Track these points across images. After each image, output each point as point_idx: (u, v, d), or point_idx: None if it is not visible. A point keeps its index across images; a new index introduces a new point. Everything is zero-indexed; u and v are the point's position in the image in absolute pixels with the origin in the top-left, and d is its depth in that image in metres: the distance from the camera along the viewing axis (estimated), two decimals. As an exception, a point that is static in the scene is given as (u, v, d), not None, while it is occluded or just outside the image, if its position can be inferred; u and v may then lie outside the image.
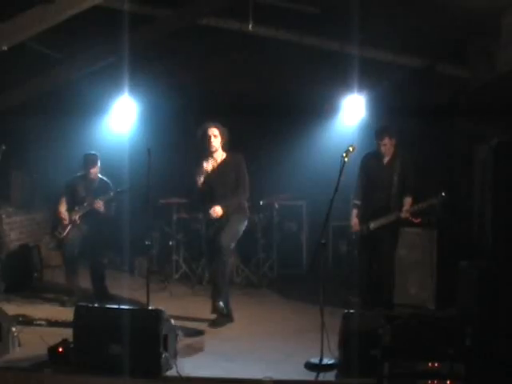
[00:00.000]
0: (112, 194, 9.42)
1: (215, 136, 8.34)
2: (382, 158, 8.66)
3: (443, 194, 8.29)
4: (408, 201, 8.54)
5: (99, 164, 9.68)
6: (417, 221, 8.54)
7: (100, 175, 9.71)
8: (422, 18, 9.25)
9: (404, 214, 8.46)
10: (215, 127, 8.38)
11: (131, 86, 11.12)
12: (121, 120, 11.52)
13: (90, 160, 9.59)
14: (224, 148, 8.49)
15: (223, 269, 8.44)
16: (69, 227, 9.40)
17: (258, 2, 9.72)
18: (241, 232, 8.61)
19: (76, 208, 9.44)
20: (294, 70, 11.37)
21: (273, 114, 11.80)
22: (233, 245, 8.60)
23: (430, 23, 9.42)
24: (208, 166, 8.44)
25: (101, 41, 10.56)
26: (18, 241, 11.23)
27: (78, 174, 9.71)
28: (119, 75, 10.73)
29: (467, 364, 5.93)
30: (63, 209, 9.52)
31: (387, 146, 8.56)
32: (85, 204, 9.40)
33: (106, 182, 9.72)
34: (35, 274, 10.49)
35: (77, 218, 9.39)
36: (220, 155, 8.47)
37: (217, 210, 8.29)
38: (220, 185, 8.36)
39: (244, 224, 8.63)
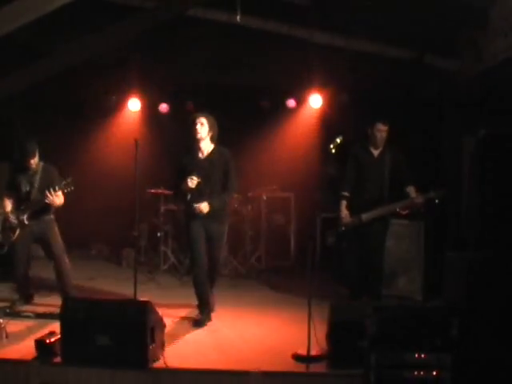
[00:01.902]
0: (60, 185, 8.21)
1: (202, 124, 8.17)
2: (373, 149, 8.64)
3: (442, 189, 8.30)
4: (412, 189, 8.50)
5: (37, 152, 8.51)
6: (404, 212, 8.54)
7: (41, 162, 8.60)
8: (411, 8, 9.25)
9: (399, 208, 8.45)
10: (204, 117, 8.24)
11: (119, 80, 11.12)
12: (109, 114, 11.51)
13: (27, 150, 8.46)
14: (213, 140, 8.33)
15: (215, 277, 8.68)
16: (17, 230, 8.44)
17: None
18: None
19: (21, 207, 8.45)
20: (281, 62, 11.35)
21: (260, 105, 11.80)
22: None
23: (419, 14, 9.41)
24: (189, 163, 8.27)
25: (88, 32, 10.53)
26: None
27: (17, 166, 8.65)
28: (107, 69, 10.72)
29: (454, 355, 5.95)
30: (8, 209, 8.51)
31: (385, 134, 8.55)
32: (30, 200, 8.43)
33: (49, 169, 8.64)
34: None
35: (24, 218, 8.39)
36: (208, 146, 8.29)
37: (203, 208, 8.05)
38: (207, 178, 8.13)
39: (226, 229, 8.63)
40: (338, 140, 7.15)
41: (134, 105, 12.12)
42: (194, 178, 7.98)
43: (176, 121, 11.54)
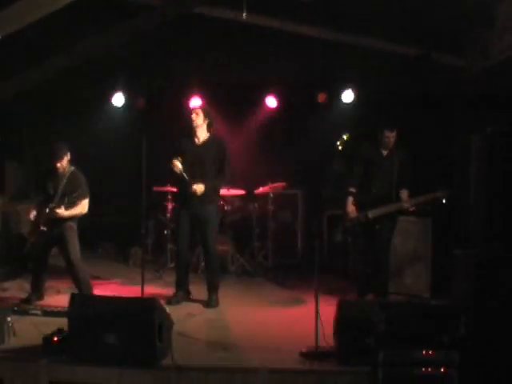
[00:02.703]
0: (86, 190, 8.50)
1: (197, 114, 8.77)
2: (383, 148, 8.65)
3: (449, 189, 8.29)
4: (405, 193, 8.56)
5: (68, 156, 8.56)
6: (412, 209, 8.54)
7: (72, 168, 8.62)
8: (418, 5, 9.23)
9: (407, 205, 8.47)
10: (199, 107, 8.96)
11: (126, 77, 11.12)
12: (116, 111, 11.51)
13: (55, 153, 8.50)
14: (209, 128, 8.84)
15: (216, 268, 8.98)
16: (37, 233, 8.48)
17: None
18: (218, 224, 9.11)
19: (43, 211, 8.42)
20: (288, 59, 11.35)
21: (265, 102, 11.79)
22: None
23: (425, 11, 9.40)
24: (187, 147, 8.82)
25: (97, 30, 10.54)
26: (13, 230, 11.19)
27: (47, 167, 8.68)
28: (114, 66, 10.72)
29: (461, 352, 5.95)
30: (34, 212, 8.54)
31: (393, 139, 8.58)
32: (49, 207, 8.36)
33: (77, 176, 8.60)
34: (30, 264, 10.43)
35: (43, 223, 8.39)
36: (203, 134, 8.82)
37: (199, 187, 8.52)
38: (200, 163, 8.65)
39: (219, 215, 9.15)
40: (345, 137, 7.13)
41: (141, 102, 12.12)
42: (178, 163, 8.55)
43: (183, 118, 11.53)
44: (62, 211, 8.29)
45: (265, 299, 9.34)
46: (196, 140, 8.79)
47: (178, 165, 8.54)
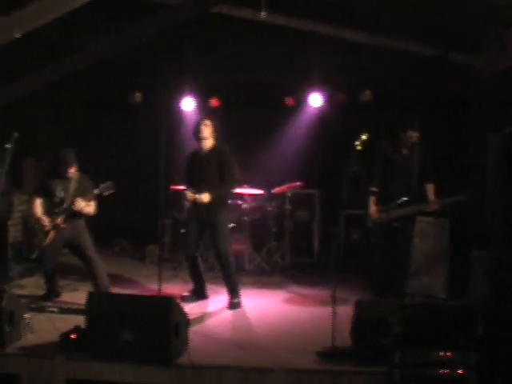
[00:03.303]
0: (95, 191, 8.50)
1: (206, 125, 8.82)
2: (403, 148, 8.61)
3: (470, 191, 8.25)
4: (430, 187, 8.51)
5: (76, 163, 8.66)
6: (431, 209, 8.50)
7: (79, 173, 8.73)
8: (435, 5, 9.20)
9: (434, 207, 8.43)
10: (208, 119, 8.95)
11: (144, 75, 11.13)
12: (132, 109, 11.53)
13: (67, 160, 8.60)
14: (214, 138, 8.91)
15: (231, 270, 8.89)
16: (51, 233, 8.54)
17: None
18: (229, 229, 9.15)
19: (56, 210, 8.55)
20: (303, 58, 11.34)
21: (285, 102, 11.79)
22: (229, 245, 8.96)
23: (444, 11, 9.37)
24: (193, 156, 9.00)
25: (113, 29, 10.56)
26: (30, 227, 11.22)
27: (51, 172, 8.81)
28: (132, 64, 10.74)
29: (479, 353, 5.92)
30: (39, 214, 8.64)
31: (416, 138, 8.53)
32: (64, 205, 8.50)
33: (84, 179, 8.77)
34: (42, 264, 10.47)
35: (59, 221, 8.50)
36: (209, 144, 8.88)
37: (204, 197, 8.59)
38: (206, 172, 8.78)
39: (229, 220, 9.23)
40: (364, 137, 7.11)
41: (159, 101, 12.13)
42: (190, 193, 8.75)
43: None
44: (80, 202, 8.39)
45: (281, 298, 9.33)
46: (201, 151, 8.91)
47: (190, 196, 8.74)
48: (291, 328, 7.87)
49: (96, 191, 8.47)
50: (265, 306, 8.79)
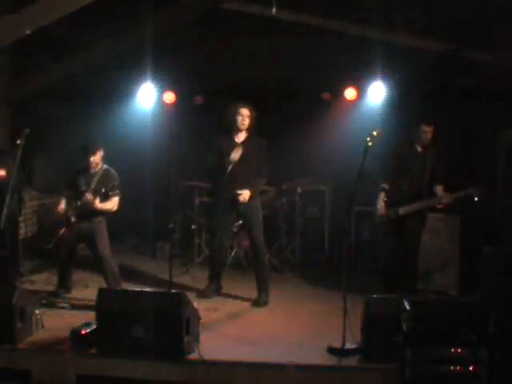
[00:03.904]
0: (104, 190, 8.38)
1: (248, 116, 8.61)
2: (418, 144, 8.58)
3: (481, 186, 8.22)
4: (439, 189, 8.48)
5: (102, 152, 8.69)
6: (441, 206, 8.48)
7: (106, 166, 8.75)
8: (448, 1, 9.19)
9: (445, 200, 8.38)
10: (248, 109, 8.65)
11: (155, 72, 11.13)
12: (144, 106, 11.53)
13: (87, 148, 8.60)
14: (248, 130, 8.71)
15: (265, 264, 8.93)
16: (64, 227, 8.60)
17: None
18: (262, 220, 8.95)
19: (74, 204, 8.56)
20: (316, 55, 11.32)
21: (296, 98, 11.77)
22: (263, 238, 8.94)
23: (455, 7, 9.35)
24: (225, 145, 8.66)
25: (125, 25, 10.58)
26: (41, 223, 11.25)
27: (81, 166, 8.78)
28: (143, 60, 10.74)
29: (491, 350, 5.90)
30: (62, 205, 8.69)
31: (430, 134, 8.50)
32: (84, 198, 8.43)
33: (110, 174, 8.69)
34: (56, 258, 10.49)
35: (73, 216, 8.54)
36: (243, 136, 8.71)
37: (245, 195, 8.50)
38: (243, 167, 8.57)
39: (261, 209, 8.95)
40: (375, 133, 7.08)
41: (168, 97, 12.12)
42: (247, 193, 8.51)
43: (211, 113, 11.53)
44: (96, 202, 8.35)
45: (292, 294, 9.34)
46: (236, 139, 8.68)
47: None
48: (302, 324, 7.87)
49: (109, 187, 8.42)
50: (275, 302, 8.77)
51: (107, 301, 6.65)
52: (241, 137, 8.70)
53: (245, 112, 8.61)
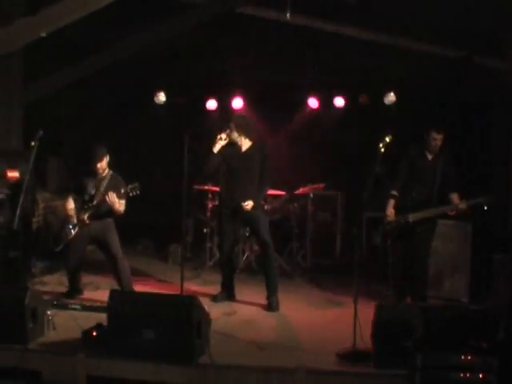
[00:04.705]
0: (123, 191, 8.42)
1: (230, 130, 8.67)
2: (429, 152, 8.58)
3: (490, 195, 8.21)
4: (455, 196, 8.45)
5: (107, 158, 8.76)
6: (452, 213, 8.47)
7: (111, 172, 8.84)
8: (460, 7, 9.19)
9: (461, 207, 8.36)
10: (233, 122, 8.76)
11: (167, 75, 11.18)
12: (157, 108, 11.57)
13: (95, 154, 8.67)
14: (248, 136, 8.79)
15: (273, 264, 8.93)
16: (77, 227, 8.63)
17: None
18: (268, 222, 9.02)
19: (85, 206, 8.62)
20: (328, 59, 11.34)
21: (306, 103, 11.80)
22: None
23: (468, 14, 9.35)
24: (230, 152, 8.74)
25: (137, 29, 10.61)
26: (53, 225, 11.30)
27: (87, 170, 8.81)
28: (156, 63, 10.78)
29: (501, 357, 5.89)
30: (70, 207, 8.77)
31: (439, 141, 8.50)
32: (94, 202, 8.57)
33: (116, 178, 8.79)
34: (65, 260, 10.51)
35: (85, 217, 8.57)
36: (245, 143, 8.79)
37: (249, 206, 8.56)
38: (246, 173, 8.67)
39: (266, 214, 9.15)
40: (388, 139, 7.10)
41: (181, 101, 12.16)
42: (251, 203, 8.54)
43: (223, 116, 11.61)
44: (112, 195, 8.36)
45: (302, 300, 9.34)
46: (239, 148, 8.77)
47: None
48: (312, 329, 7.87)
49: (123, 190, 8.46)
50: (285, 307, 8.77)
51: (119, 302, 6.66)
52: (243, 145, 8.78)
53: (230, 126, 8.70)
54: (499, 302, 7.49)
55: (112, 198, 8.36)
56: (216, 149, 8.64)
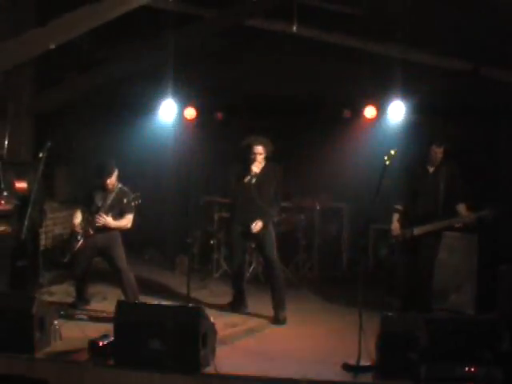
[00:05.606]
0: (125, 201, 8.55)
1: (260, 154, 8.73)
2: (430, 165, 8.60)
3: (496, 207, 8.22)
4: (462, 207, 8.45)
5: (116, 173, 8.76)
6: (457, 225, 8.48)
7: (120, 185, 8.84)
8: (468, 19, 9.21)
9: (467, 219, 8.39)
10: (261, 144, 8.76)
11: (176, 87, 11.20)
12: (165, 120, 11.59)
13: (104, 170, 8.70)
14: (265, 159, 8.83)
15: (279, 281, 8.90)
16: (81, 240, 8.67)
17: (302, 3, 9.76)
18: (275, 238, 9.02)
19: (90, 218, 8.67)
20: (335, 72, 11.37)
21: (315, 115, 11.81)
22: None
23: (476, 26, 9.37)
24: (242, 173, 8.77)
25: (146, 40, 10.67)
26: (61, 235, 11.35)
27: (95, 182, 8.87)
28: (165, 75, 10.82)
29: (505, 369, 5.90)
30: (77, 220, 8.81)
31: (440, 155, 8.52)
32: (98, 214, 8.58)
33: (124, 192, 8.76)
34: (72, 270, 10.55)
35: (90, 229, 8.61)
36: (260, 165, 8.80)
37: (258, 227, 8.62)
38: (258, 195, 8.64)
39: (274, 230, 9.03)
40: (393, 152, 7.13)
41: (189, 112, 12.17)
42: (260, 224, 8.61)
43: (231, 129, 11.61)
44: (109, 219, 8.51)
45: (308, 311, 9.35)
46: (255, 168, 8.73)
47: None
48: (317, 340, 7.90)
49: (125, 200, 8.54)
50: (291, 318, 8.79)
51: (125, 313, 6.71)
52: (259, 165, 8.78)
53: (258, 150, 8.72)
54: (504, 314, 7.49)
55: (106, 220, 8.51)
56: (246, 179, 8.67)
